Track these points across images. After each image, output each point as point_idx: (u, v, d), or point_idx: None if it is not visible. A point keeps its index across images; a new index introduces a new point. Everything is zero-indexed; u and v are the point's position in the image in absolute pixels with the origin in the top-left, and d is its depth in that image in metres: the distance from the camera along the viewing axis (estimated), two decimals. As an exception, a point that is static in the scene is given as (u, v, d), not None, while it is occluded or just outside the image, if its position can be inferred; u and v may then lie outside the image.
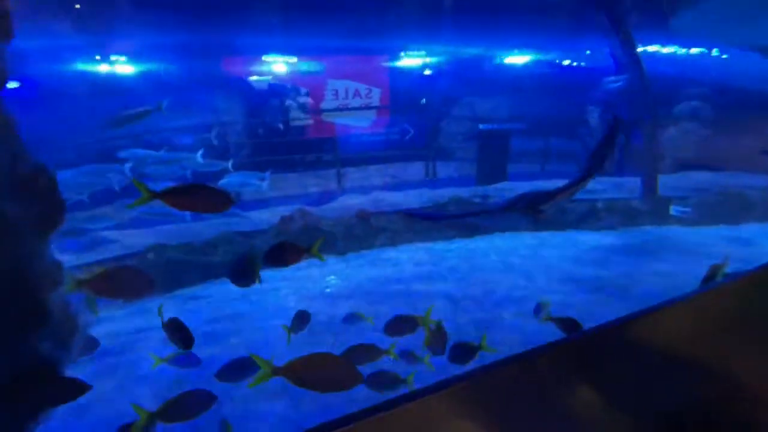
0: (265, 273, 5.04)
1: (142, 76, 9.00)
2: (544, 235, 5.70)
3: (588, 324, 1.07)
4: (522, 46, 12.21)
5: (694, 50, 11.81)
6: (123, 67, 8.99)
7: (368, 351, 2.25)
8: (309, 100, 10.64)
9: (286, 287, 4.59)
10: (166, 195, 1.45)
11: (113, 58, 8.71)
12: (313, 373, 1.44)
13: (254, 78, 10.44)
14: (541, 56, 12.38)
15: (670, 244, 5.16)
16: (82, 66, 8.59)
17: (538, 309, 2.80)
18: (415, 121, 11.14)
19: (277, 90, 10.54)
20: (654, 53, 11.21)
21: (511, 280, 4.20)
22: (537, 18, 9.05)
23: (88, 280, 1.58)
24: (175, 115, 10.04)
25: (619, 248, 5.09)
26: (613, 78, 6.85)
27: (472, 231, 5.80)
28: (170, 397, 1.77)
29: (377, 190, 7.92)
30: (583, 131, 9.85)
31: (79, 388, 1.33)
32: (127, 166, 5.12)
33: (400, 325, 2.41)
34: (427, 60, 12.22)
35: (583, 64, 12.66)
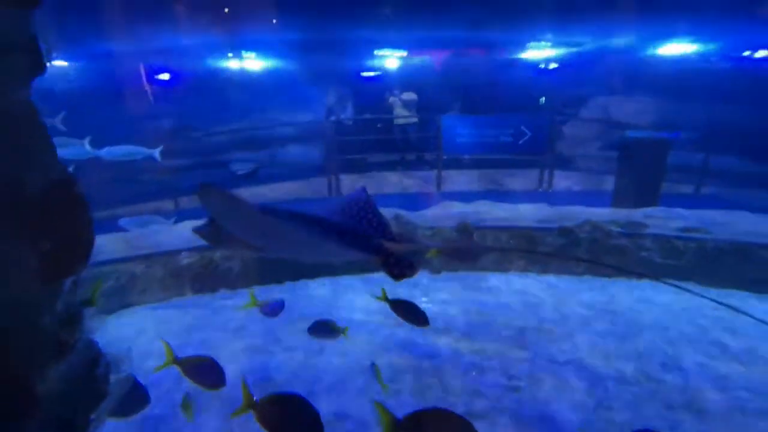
0: (348, 279, 4.56)
1: (264, 72, 9.54)
2: (727, 295, 4.06)
3: None
4: (683, 34, 9.62)
5: None
6: (250, 63, 9.65)
7: None
8: (414, 97, 9.99)
9: (369, 304, 4.01)
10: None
11: (244, 54, 9.40)
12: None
13: (365, 73, 10.24)
14: (711, 46, 9.60)
15: None
16: (216, 62, 9.45)
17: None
18: (533, 123, 9.65)
19: (381, 86, 10.17)
20: None
21: (693, 372, 2.85)
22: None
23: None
24: (287, 110, 10.48)
25: None
26: None
27: (614, 269, 4.45)
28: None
29: (483, 199, 6.91)
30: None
31: None
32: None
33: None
34: (552, 52, 10.50)
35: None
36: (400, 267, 1.52)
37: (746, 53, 9.38)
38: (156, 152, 5.20)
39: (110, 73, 8.43)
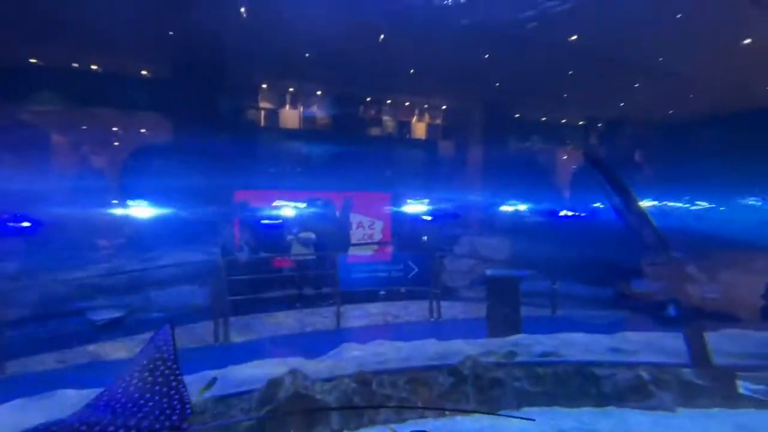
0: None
1: (149, 216, 9.34)
2: (581, 415, 4.77)
3: None
4: (521, 197, 13.31)
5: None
6: (136, 210, 9.42)
7: None
8: (312, 236, 10.72)
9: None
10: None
11: (129, 202, 9.21)
12: None
13: (262, 219, 10.86)
14: (538, 206, 13.43)
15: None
16: (97, 208, 8.98)
17: None
18: (418, 259, 11.05)
19: (280, 227, 10.81)
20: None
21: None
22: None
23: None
24: (175, 250, 10.01)
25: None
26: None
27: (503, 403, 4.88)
28: None
29: (380, 339, 7.15)
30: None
31: None
32: None
33: None
34: (429, 206, 13.18)
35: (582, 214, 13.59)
36: None
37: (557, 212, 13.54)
38: None
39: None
